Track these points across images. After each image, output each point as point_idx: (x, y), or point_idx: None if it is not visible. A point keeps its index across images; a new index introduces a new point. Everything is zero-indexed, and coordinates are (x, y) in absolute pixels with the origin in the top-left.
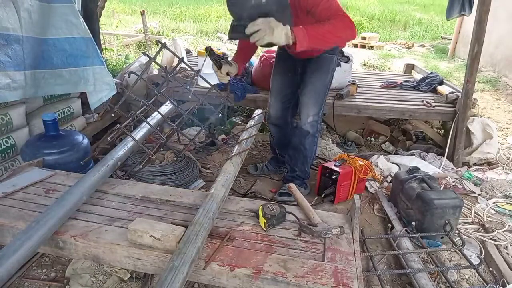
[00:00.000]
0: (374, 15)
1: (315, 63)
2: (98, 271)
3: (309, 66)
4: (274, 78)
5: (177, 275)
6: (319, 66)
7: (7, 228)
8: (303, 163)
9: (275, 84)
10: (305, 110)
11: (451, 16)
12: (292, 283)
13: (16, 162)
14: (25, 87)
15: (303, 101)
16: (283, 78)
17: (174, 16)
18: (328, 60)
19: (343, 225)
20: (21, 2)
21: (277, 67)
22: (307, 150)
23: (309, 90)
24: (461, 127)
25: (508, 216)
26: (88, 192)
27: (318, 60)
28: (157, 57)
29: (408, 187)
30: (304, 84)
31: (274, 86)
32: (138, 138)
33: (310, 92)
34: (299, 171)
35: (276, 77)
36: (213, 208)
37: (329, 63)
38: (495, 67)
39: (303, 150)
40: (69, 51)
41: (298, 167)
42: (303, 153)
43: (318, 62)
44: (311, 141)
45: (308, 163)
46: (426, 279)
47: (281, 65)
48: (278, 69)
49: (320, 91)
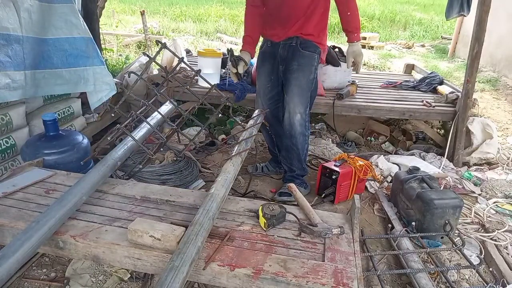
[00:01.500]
0: (374, 15)
1: (297, 61)
2: (98, 271)
3: (291, 64)
4: (259, 79)
5: (177, 275)
6: (302, 63)
7: (7, 228)
8: (299, 161)
9: (261, 85)
10: (291, 108)
11: (450, 16)
12: (292, 283)
13: (16, 162)
14: (25, 87)
15: (288, 99)
16: (268, 78)
17: (174, 16)
18: (310, 58)
19: (343, 225)
20: (21, 2)
21: (261, 67)
22: (299, 149)
23: (293, 87)
24: (461, 127)
25: (508, 216)
26: (88, 192)
27: (300, 57)
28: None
29: (408, 187)
30: (288, 82)
31: (261, 87)
32: (138, 138)
33: (294, 89)
34: (297, 169)
35: (261, 78)
36: (213, 208)
37: (311, 60)
38: (495, 67)
39: (296, 150)
40: (69, 51)
41: (295, 165)
42: (296, 152)
43: (300, 60)
44: (302, 140)
45: (303, 159)
46: (426, 279)
47: (265, 65)
48: (263, 69)
49: (304, 88)
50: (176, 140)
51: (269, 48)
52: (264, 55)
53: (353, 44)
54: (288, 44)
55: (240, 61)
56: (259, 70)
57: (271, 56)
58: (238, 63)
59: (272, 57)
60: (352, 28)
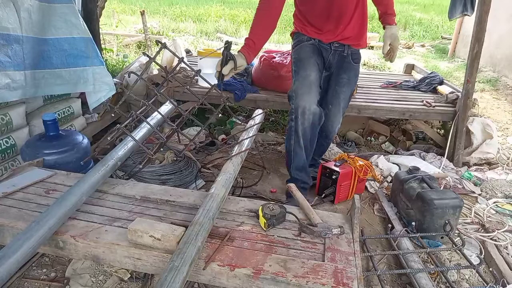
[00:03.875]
0: (374, 15)
1: (347, 74)
2: (98, 271)
3: (341, 76)
4: (310, 70)
5: (177, 275)
6: (351, 77)
7: (7, 228)
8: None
9: (315, 78)
10: (336, 120)
11: (453, 17)
12: (292, 283)
13: (16, 162)
14: (25, 87)
15: (335, 111)
16: (320, 74)
17: (174, 16)
18: (357, 70)
19: (343, 225)
20: (21, 2)
21: (310, 58)
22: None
23: (341, 101)
24: (461, 127)
25: (508, 216)
26: (88, 192)
27: (351, 70)
28: (157, 57)
29: (408, 187)
30: (336, 95)
31: (311, 75)
32: (138, 138)
33: (342, 103)
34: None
35: (313, 70)
36: (213, 208)
37: (357, 71)
38: (495, 67)
39: (326, 146)
40: (68, 51)
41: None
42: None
43: (350, 73)
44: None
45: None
46: (426, 279)
47: (314, 58)
48: (313, 60)
49: (348, 100)
50: (176, 140)
51: (317, 45)
52: (314, 48)
53: (392, 27)
54: (338, 52)
55: (231, 61)
56: (308, 61)
57: (319, 53)
58: (227, 61)
59: (320, 56)
60: (392, 10)
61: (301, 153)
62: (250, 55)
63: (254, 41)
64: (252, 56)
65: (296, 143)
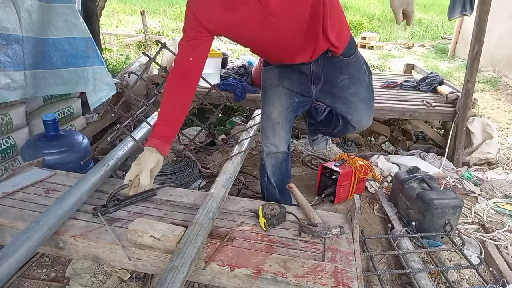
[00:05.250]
0: (374, 15)
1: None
2: (98, 271)
3: (337, 81)
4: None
5: (177, 275)
6: (351, 72)
7: (7, 228)
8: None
9: (273, 112)
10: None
11: (453, 17)
12: (292, 283)
13: (16, 162)
14: (25, 87)
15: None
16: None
17: (174, 16)
18: (355, 60)
19: (343, 225)
20: (21, 2)
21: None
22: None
23: (357, 103)
24: (461, 127)
25: (508, 216)
26: (88, 192)
27: (346, 67)
28: (157, 57)
29: (408, 187)
30: (348, 101)
31: (273, 113)
32: (138, 138)
33: (359, 105)
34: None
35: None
36: (213, 208)
37: (357, 61)
38: (495, 67)
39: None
40: (69, 51)
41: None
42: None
43: (347, 69)
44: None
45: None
46: (426, 279)
47: (286, 81)
48: (279, 88)
49: (369, 98)
50: (176, 140)
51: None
52: (283, 70)
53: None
54: (320, 57)
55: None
56: (273, 92)
57: (292, 72)
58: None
59: (294, 74)
60: None
61: (274, 192)
62: (166, 148)
63: (167, 124)
64: (167, 148)
65: (268, 182)
